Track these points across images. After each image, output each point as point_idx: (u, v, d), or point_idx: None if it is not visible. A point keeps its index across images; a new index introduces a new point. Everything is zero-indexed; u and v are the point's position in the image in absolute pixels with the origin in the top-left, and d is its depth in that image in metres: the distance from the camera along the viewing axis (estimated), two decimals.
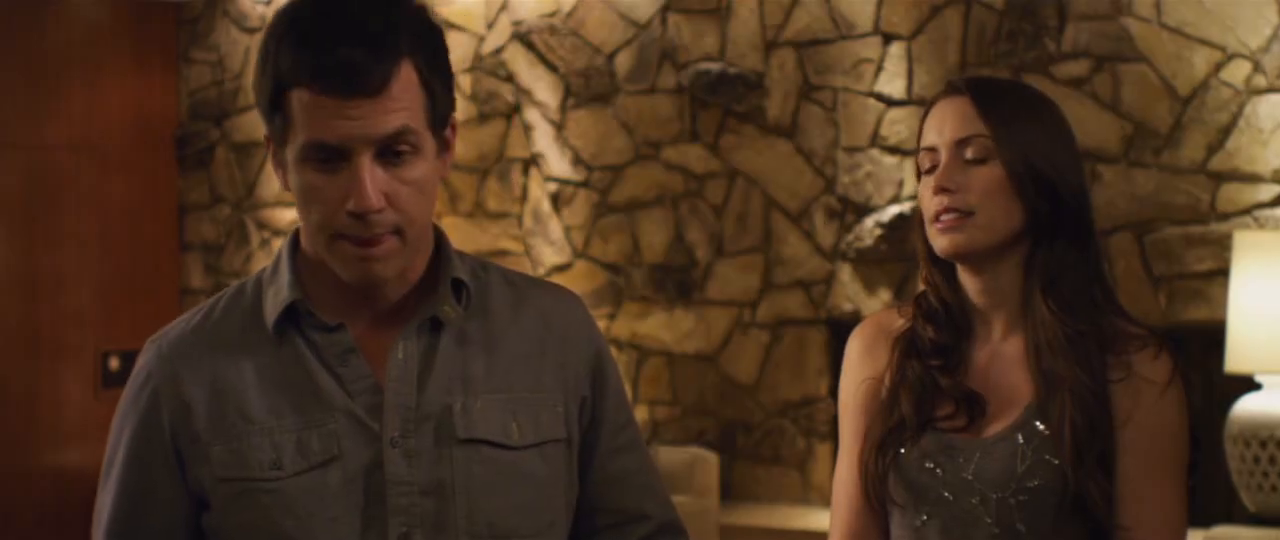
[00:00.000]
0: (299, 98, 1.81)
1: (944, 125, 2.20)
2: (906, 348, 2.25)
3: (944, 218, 2.16)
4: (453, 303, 1.93)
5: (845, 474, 2.29)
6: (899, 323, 2.28)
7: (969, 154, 2.17)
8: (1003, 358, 2.22)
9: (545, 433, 1.96)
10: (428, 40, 1.87)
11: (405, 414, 1.88)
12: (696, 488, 5.63)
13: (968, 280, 2.22)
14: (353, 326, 1.91)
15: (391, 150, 1.82)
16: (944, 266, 2.24)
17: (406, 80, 1.82)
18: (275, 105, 1.84)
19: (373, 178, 1.82)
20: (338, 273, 1.88)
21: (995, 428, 2.17)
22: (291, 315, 1.90)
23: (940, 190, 2.16)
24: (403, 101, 1.82)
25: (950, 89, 2.23)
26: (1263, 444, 4.47)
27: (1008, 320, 2.22)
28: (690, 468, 5.62)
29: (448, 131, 1.90)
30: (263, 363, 1.90)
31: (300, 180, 1.85)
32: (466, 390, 1.92)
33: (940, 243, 2.18)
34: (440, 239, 1.97)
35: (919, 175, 2.24)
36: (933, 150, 2.20)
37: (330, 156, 1.82)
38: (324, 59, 1.79)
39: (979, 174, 2.17)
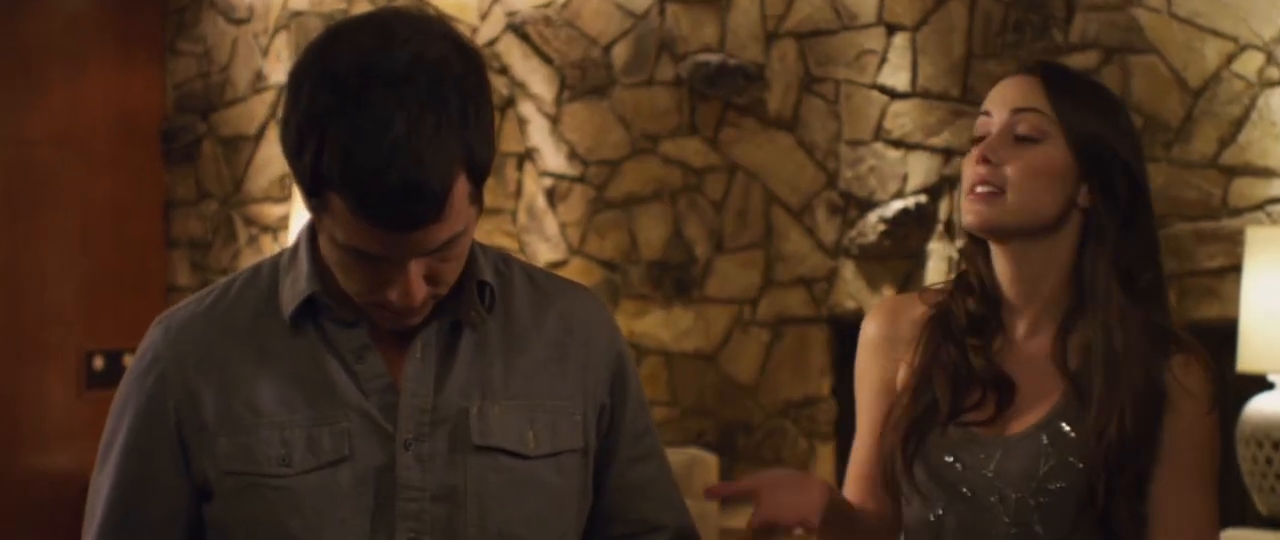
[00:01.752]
0: (340, 206, 1.74)
1: (1005, 95, 2.20)
2: (941, 328, 2.24)
3: (978, 190, 2.17)
4: (478, 306, 1.92)
5: (862, 455, 2.29)
6: (920, 310, 2.28)
7: (1021, 129, 2.16)
8: (1028, 356, 2.22)
9: (562, 443, 1.95)
10: (477, 119, 1.76)
11: (420, 416, 1.87)
12: (695, 490, 5.63)
13: (1001, 264, 2.22)
14: (371, 323, 1.89)
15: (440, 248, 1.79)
16: (982, 245, 2.25)
17: (459, 192, 1.75)
18: (310, 189, 1.76)
19: (417, 272, 1.79)
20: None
21: (1020, 424, 2.17)
22: (309, 307, 1.89)
23: (982, 160, 2.16)
24: (455, 213, 1.76)
25: (1021, 67, 2.24)
26: (1275, 445, 4.46)
27: (1035, 317, 2.22)
28: (689, 470, 5.62)
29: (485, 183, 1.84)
30: (276, 353, 1.88)
31: (335, 255, 1.82)
32: (484, 395, 1.91)
33: (968, 216, 2.18)
34: None
35: (972, 144, 2.24)
36: (987, 116, 2.20)
37: (372, 256, 1.78)
38: (372, 195, 1.70)
39: (1026, 152, 2.16)
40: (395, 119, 1.69)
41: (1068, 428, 2.14)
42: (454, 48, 1.77)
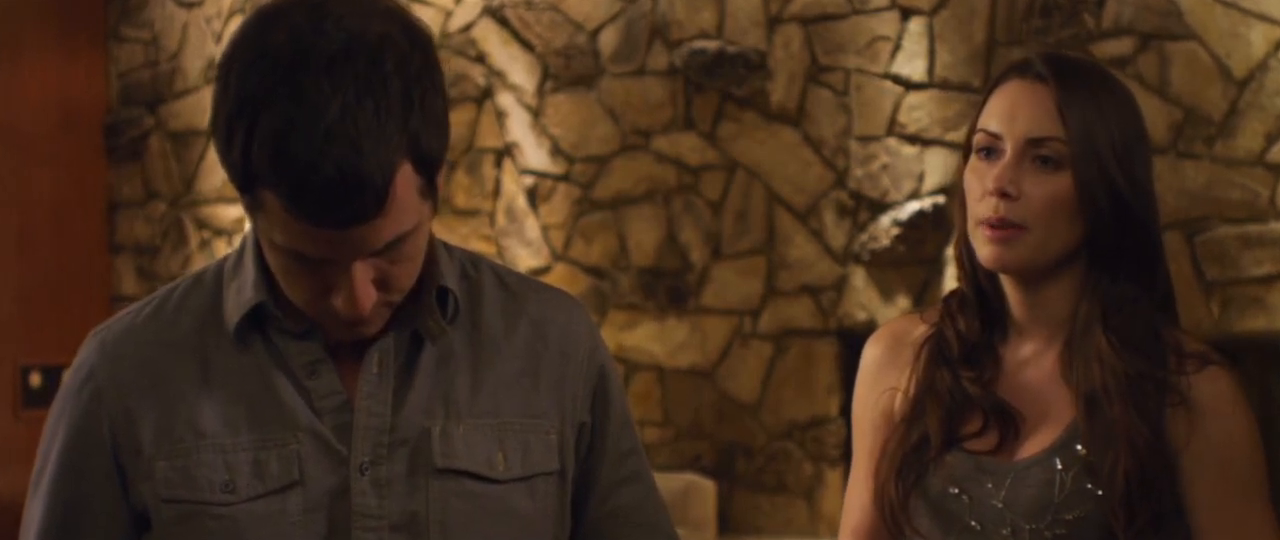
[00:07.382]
0: (274, 202, 1.72)
1: (1016, 114, 2.16)
2: (934, 353, 2.25)
3: (994, 226, 2.15)
4: (437, 316, 1.90)
5: (857, 497, 2.29)
6: (921, 330, 2.28)
7: (1042, 152, 2.14)
8: (1039, 368, 2.21)
9: (535, 465, 1.93)
10: (424, 103, 1.74)
11: (377, 437, 1.86)
12: (691, 519, 5.63)
13: (1011, 290, 2.22)
14: (325, 334, 1.87)
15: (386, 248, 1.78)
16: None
17: (404, 183, 1.73)
18: (242, 185, 1.74)
19: (364, 276, 1.78)
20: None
21: (1030, 449, 2.17)
22: (256, 317, 1.87)
23: (1000, 193, 2.15)
24: (400, 208, 1.74)
25: (1029, 70, 2.19)
26: None
27: (1048, 332, 2.22)
28: (684, 497, 5.62)
29: (439, 177, 1.82)
30: (220, 369, 1.87)
31: (275, 258, 1.80)
32: (447, 413, 1.89)
33: (984, 252, 2.16)
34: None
35: (966, 153, 2.22)
36: (996, 137, 2.17)
37: (313, 259, 1.76)
38: (306, 188, 1.69)
39: (1046, 183, 2.14)
40: (330, 104, 1.68)
41: (1083, 450, 2.14)
42: (398, 26, 1.76)
